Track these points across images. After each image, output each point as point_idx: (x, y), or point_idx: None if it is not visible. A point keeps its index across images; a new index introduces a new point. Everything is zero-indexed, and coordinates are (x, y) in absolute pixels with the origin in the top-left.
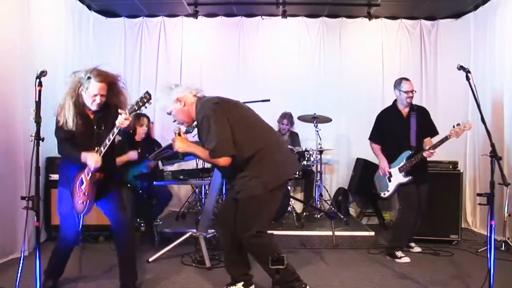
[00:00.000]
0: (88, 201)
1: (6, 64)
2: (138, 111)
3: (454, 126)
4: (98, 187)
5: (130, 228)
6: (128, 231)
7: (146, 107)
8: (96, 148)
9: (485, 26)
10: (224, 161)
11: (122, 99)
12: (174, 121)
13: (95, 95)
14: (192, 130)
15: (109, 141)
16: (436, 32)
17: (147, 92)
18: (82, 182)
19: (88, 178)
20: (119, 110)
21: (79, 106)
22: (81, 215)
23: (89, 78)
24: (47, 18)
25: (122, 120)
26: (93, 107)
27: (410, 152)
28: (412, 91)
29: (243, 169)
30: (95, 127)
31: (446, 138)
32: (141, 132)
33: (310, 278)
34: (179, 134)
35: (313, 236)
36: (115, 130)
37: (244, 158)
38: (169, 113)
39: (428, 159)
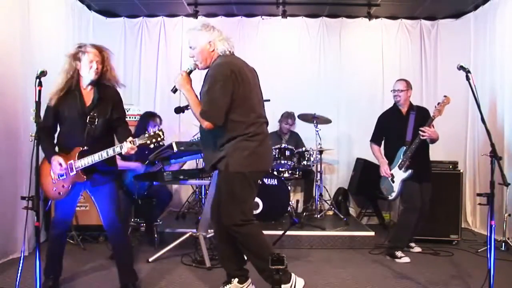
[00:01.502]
0: (63, 193)
1: (6, 64)
2: (149, 144)
3: (435, 106)
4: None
5: (122, 230)
6: (120, 233)
7: (155, 145)
8: (83, 148)
9: (485, 26)
10: (208, 125)
11: (114, 73)
12: (192, 56)
13: (91, 61)
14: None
15: (100, 158)
16: (436, 32)
17: (161, 131)
18: (62, 174)
19: (71, 174)
20: (128, 139)
21: (74, 84)
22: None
23: (81, 47)
24: (47, 18)
25: (128, 149)
26: (92, 75)
27: (405, 148)
28: (396, 90)
29: (223, 144)
30: (87, 122)
31: (432, 119)
32: None
33: (310, 278)
34: (188, 74)
35: (313, 236)
36: (117, 150)
37: (229, 135)
38: (191, 47)
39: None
